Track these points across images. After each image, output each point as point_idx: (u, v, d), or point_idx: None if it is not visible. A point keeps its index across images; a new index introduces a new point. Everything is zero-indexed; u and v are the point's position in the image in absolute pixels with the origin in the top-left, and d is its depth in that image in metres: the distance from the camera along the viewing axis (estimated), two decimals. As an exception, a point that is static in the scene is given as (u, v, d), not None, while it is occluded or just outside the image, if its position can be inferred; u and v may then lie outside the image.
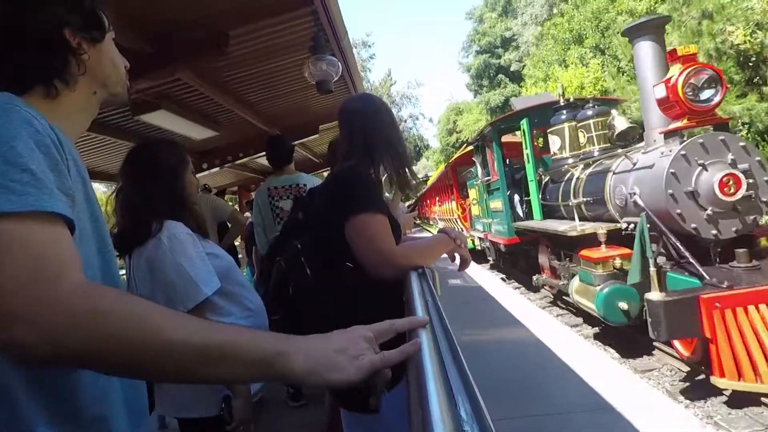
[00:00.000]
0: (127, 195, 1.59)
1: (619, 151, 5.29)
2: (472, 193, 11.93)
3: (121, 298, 0.62)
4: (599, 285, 4.47)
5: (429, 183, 23.53)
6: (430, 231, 23.44)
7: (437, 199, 21.50)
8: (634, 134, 5.80)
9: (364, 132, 1.50)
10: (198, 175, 4.58)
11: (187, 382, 0.66)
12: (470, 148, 14.35)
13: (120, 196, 1.59)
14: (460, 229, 14.22)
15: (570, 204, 5.97)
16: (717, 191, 3.76)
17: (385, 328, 0.73)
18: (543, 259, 6.97)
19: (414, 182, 1.66)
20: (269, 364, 0.64)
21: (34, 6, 0.79)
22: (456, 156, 16.57)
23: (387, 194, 2.30)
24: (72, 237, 0.66)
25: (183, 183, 1.68)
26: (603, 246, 4.77)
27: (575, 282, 5.16)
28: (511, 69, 40.48)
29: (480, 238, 11.45)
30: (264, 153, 6.71)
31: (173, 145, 1.78)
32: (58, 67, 0.80)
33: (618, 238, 4.79)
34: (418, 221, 34.74)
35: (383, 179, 1.59)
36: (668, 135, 4.20)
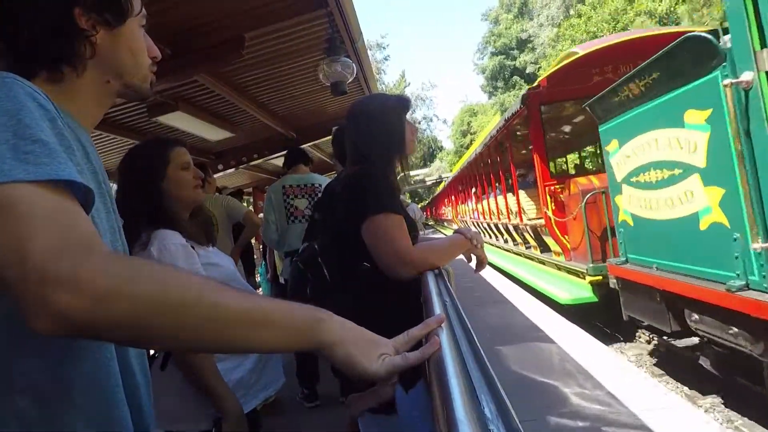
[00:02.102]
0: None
1: None
2: (650, 140, 3.47)
3: (156, 264, 0.60)
4: None
5: (457, 167, 17.64)
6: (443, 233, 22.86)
7: (474, 190, 13.25)
8: None
9: (372, 134, 1.51)
10: (214, 176, 4.64)
11: (229, 349, 0.64)
12: (578, 52, 6.63)
13: None
14: (550, 252, 6.90)
15: None
16: None
17: (404, 341, 0.72)
18: None
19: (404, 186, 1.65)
20: (310, 328, 0.64)
21: None
22: (553, 69, 7.01)
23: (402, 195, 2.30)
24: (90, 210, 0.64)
25: (162, 187, 1.54)
26: None
27: None
28: (527, 71, 40.30)
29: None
30: (278, 154, 6.82)
31: (151, 146, 1.63)
32: (62, 50, 0.74)
33: None
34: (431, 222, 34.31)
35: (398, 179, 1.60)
36: None
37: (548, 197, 6.49)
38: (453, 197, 19.79)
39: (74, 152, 0.65)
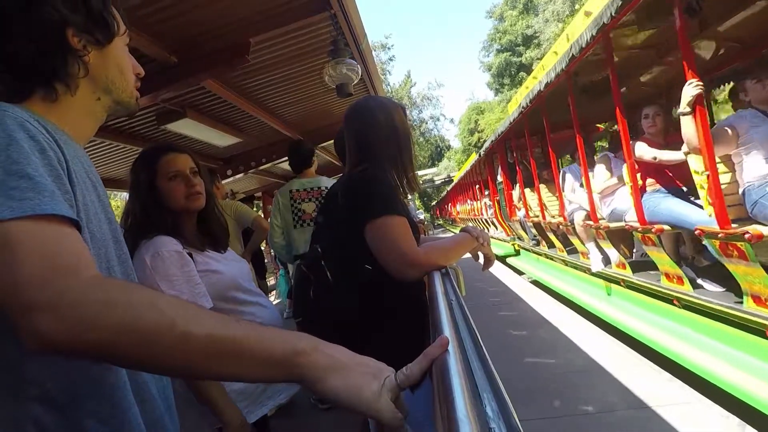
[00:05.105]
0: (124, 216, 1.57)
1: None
2: None
3: (136, 290, 0.61)
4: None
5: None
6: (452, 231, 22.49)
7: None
8: None
9: (366, 136, 1.51)
10: (223, 182, 4.66)
11: (200, 377, 0.65)
12: None
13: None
14: None
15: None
16: None
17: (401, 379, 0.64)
18: None
19: (417, 186, 1.63)
20: (286, 363, 0.60)
21: (33, 3, 0.75)
22: None
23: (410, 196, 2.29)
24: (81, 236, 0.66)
25: (154, 199, 1.55)
26: None
27: None
28: (533, 67, 40.01)
29: None
30: (286, 158, 6.85)
31: (141, 159, 1.64)
32: (57, 69, 0.78)
33: None
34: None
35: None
36: None
37: None
38: (501, 178, 9.51)
39: (62, 179, 0.68)
